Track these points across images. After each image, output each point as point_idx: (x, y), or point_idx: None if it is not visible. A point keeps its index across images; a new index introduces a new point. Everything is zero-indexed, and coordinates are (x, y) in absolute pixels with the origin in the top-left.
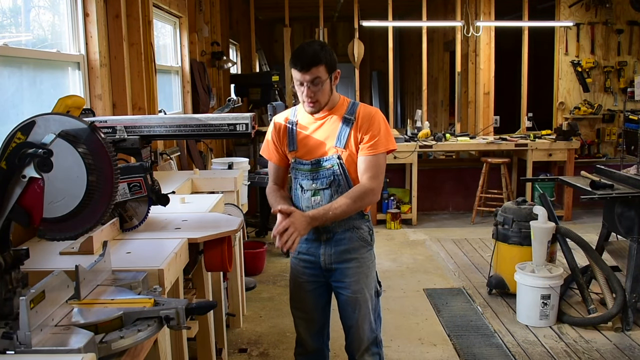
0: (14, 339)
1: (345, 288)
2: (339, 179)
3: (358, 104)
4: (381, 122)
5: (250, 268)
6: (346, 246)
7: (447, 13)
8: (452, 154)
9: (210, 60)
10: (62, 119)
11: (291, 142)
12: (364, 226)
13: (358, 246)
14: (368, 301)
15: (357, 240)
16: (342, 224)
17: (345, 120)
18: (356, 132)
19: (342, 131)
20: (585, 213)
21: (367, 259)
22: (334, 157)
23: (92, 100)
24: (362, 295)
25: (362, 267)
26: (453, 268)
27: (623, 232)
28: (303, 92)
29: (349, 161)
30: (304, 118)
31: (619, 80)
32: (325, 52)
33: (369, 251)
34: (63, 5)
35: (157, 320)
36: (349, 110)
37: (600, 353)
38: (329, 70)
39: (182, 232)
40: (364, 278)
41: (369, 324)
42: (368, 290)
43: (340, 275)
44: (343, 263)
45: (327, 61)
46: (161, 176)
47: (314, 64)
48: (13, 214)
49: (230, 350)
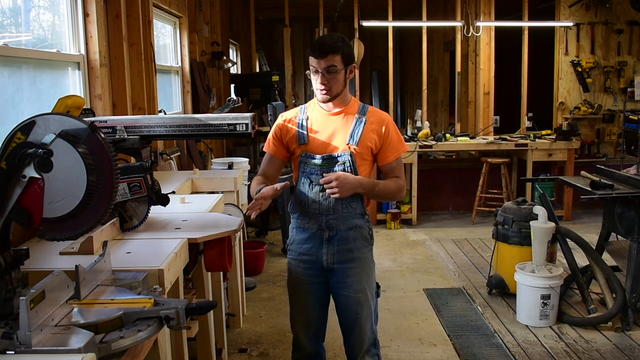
0: (14, 339)
1: (347, 288)
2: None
3: (368, 107)
4: (395, 127)
5: (250, 268)
6: (349, 245)
7: (447, 13)
8: (452, 154)
9: (210, 60)
10: (62, 119)
11: (301, 136)
12: (365, 225)
13: (360, 245)
14: (370, 301)
15: (360, 239)
16: (345, 222)
17: (358, 119)
18: (371, 133)
19: (355, 129)
20: (585, 213)
21: (369, 258)
22: (346, 154)
23: (92, 100)
24: (364, 295)
25: (364, 267)
26: (453, 268)
27: (623, 232)
28: (317, 79)
29: (359, 159)
30: (316, 114)
31: (619, 80)
32: (344, 43)
33: (369, 251)
34: (63, 5)
35: (157, 320)
36: (361, 110)
37: (600, 353)
38: (345, 61)
39: (182, 232)
40: (366, 278)
41: (371, 325)
42: (370, 290)
43: (342, 276)
44: (345, 263)
45: (345, 52)
46: (161, 176)
47: (331, 51)
48: (13, 214)
49: (230, 350)
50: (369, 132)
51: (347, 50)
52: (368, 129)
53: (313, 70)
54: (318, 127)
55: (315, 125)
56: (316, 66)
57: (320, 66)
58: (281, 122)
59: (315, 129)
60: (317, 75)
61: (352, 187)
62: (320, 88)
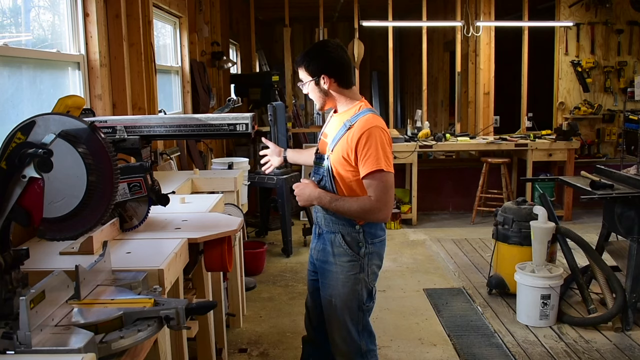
0: (14, 339)
1: (323, 288)
2: (326, 179)
3: (364, 115)
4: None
5: (250, 268)
6: (329, 248)
7: (447, 13)
8: (452, 154)
9: (210, 60)
10: (62, 119)
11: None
12: (351, 235)
13: (339, 252)
14: (340, 310)
15: (339, 246)
16: (328, 224)
17: (344, 125)
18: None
19: (337, 135)
20: (585, 213)
21: (347, 269)
22: (327, 158)
23: (92, 100)
24: (333, 300)
25: (339, 275)
26: (453, 268)
27: (623, 232)
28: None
29: (338, 165)
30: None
31: (619, 80)
32: (307, 56)
33: (351, 262)
34: (63, 5)
35: (157, 320)
36: (354, 117)
37: (600, 353)
38: (311, 73)
39: (182, 232)
40: (340, 286)
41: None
42: (341, 299)
43: (321, 275)
44: (324, 263)
45: (308, 64)
46: (161, 176)
47: (297, 65)
48: (13, 214)
49: (230, 350)
50: (345, 140)
51: (309, 63)
52: (346, 137)
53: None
54: (326, 127)
55: (326, 125)
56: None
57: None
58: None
59: (325, 129)
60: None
61: (307, 198)
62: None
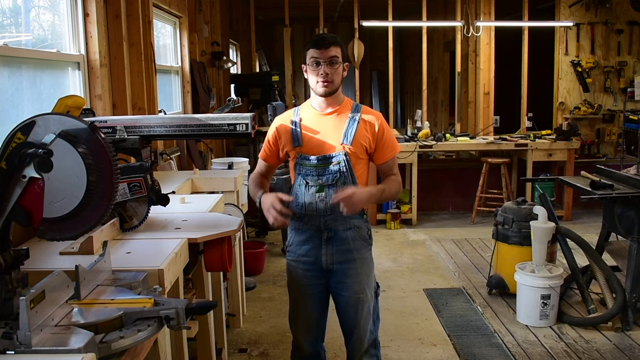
0: (14, 339)
1: (346, 289)
2: (345, 175)
3: (361, 106)
4: (388, 126)
5: (250, 268)
6: (348, 245)
7: (447, 13)
8: (452, 154)
9: (210, 60)
10: (62, 119)
11: (295, 139)
12: (363, 225)
13: (359, 246)
14: (369, 302)
15: (359, 239)
16: (343, 222)
17: (351, 118)
18: (364, 132)
19: (348, 128)
20: (585, 213)
21: (368, 259)
22: (341, 154)
23: (92, 100)
24: (364, 296)
25: (363, 267)
26: (453, 268)
27: (623, 232)
28: (319, 71)
29: (354, 158)
30: (309, 115)
31: (619, 80)
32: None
33: (369, 251)
34: (63, 5)
35: (157, 320)
36: (354, 109)
37: (600, 353)
38: (343, 56)
39: (182, 232)
40: (365, 278)
41: (370, 325)
42: (369, 290)
43: (342, 276)
44: (344, 263)
45: (342, 47)
46: (161, 176)
47: (333, 43)
48: (13, 214)
49: (230, 350)
50: (362, 130)
51: (343, 47)
52: (362, 128)
53: (314, 62)
54: (312, 127)
55: (308, 126)
56: (319, 56)
57: (323, 56)
58: (276, 125)
59: (309, 130)
60: (318, 67)
61: (360, 201)
62: (321, 80)
